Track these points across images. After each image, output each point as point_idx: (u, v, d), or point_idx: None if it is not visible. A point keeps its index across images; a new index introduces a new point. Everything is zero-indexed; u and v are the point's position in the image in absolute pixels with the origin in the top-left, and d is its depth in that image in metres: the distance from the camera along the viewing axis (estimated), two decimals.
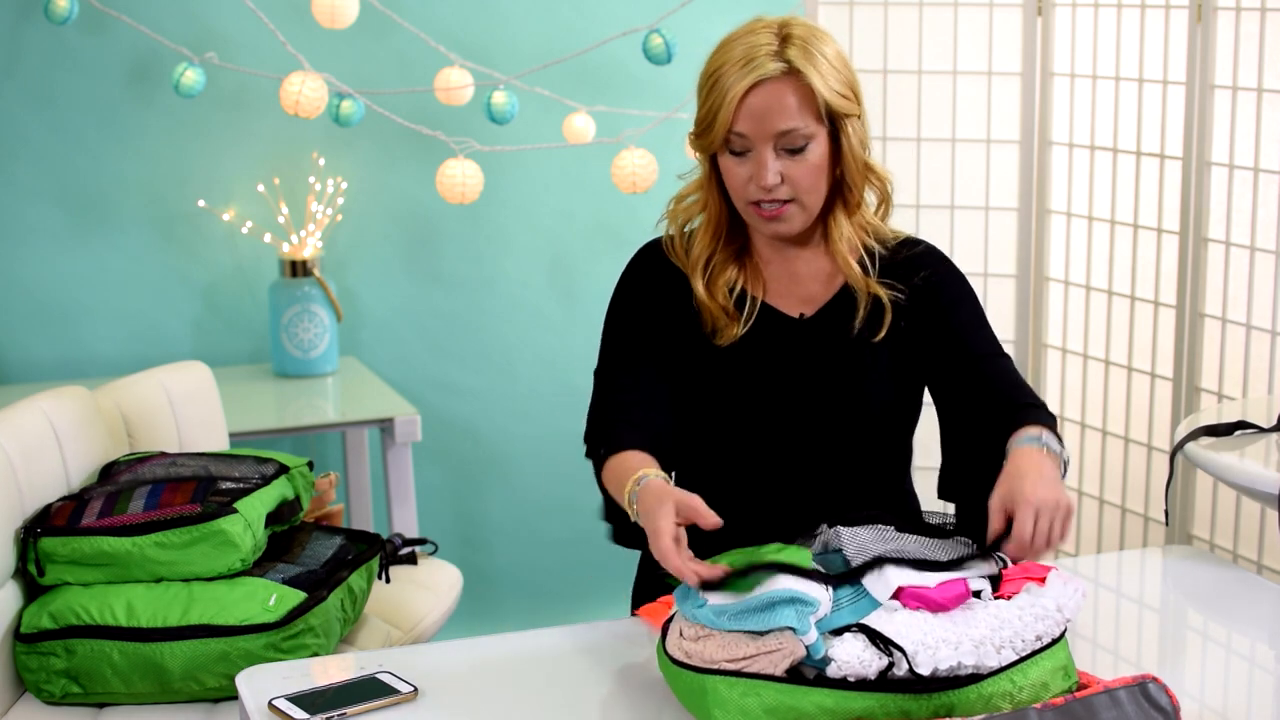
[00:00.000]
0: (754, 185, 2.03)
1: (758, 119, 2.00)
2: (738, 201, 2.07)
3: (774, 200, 2.03)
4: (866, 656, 1.59)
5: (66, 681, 2.35)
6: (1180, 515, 3.19)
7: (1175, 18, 3.14)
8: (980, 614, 1.67)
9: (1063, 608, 1.68)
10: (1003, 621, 1.66)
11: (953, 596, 1.68)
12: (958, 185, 3.53)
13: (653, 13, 3.69)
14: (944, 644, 1.60)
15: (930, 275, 2.13)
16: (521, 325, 4.11)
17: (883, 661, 1.59)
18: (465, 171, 3.65)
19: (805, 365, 2.10)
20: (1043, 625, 1.66)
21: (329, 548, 2.57)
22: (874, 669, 1.58)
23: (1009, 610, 1.68)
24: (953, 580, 1.70)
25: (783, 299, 2.14)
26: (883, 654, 1.59)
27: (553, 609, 4.16)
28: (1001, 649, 1.62)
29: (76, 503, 2.44)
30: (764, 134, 2.01)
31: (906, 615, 1.64)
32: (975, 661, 1.59)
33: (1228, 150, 3.06)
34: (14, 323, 3.73)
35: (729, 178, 2.06)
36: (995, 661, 1.61)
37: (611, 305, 2.19)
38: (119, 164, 3.75)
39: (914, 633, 1.61)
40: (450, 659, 1.88)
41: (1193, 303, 3.15)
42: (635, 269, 2.19)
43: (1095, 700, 1.58)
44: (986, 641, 1.62)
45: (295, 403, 3.62)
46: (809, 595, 1.62)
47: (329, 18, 3.53)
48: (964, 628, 1.64)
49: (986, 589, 1.72)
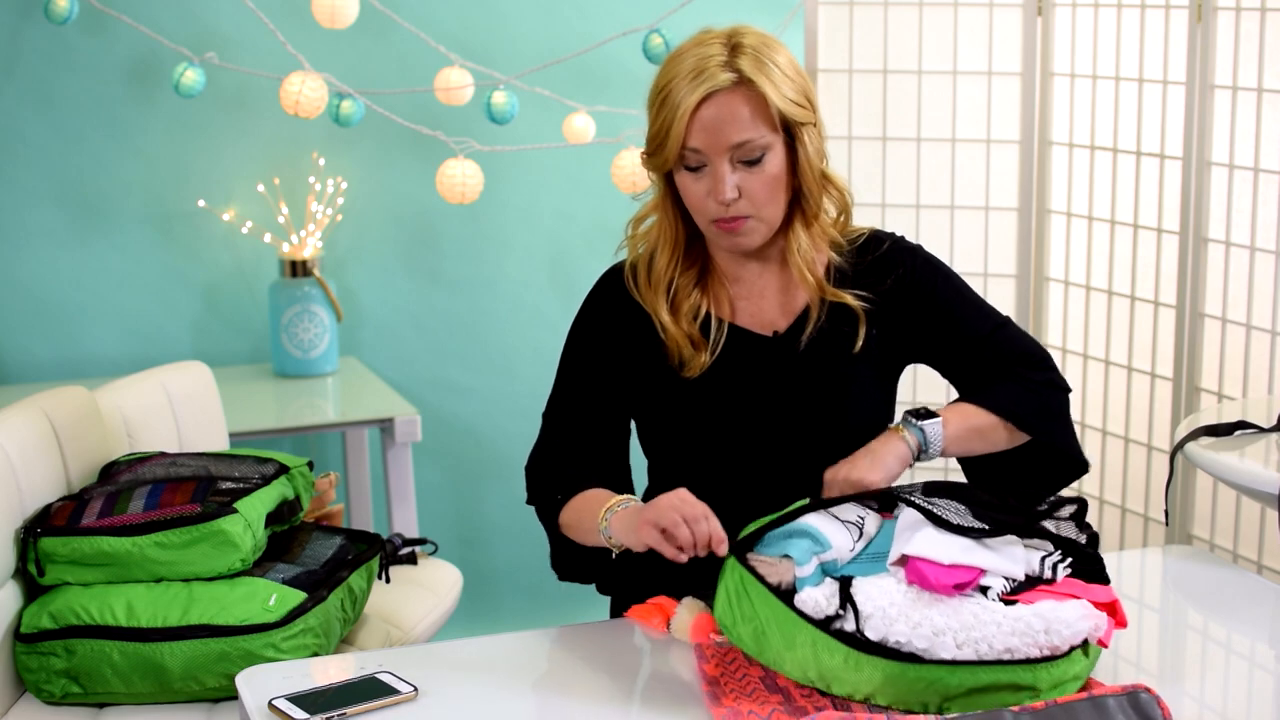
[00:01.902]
0: (712, 201, 1.98)
1: (711, 132, 1.96)
2: (700, 219, 2.02)
3: (734, 215, 1.98)
4: (824, 603, 1.69)
5: (66, 681, 2.35)
6: (1180, 515, 3.19)
7: (1175, 18, 3.13)
8: (965, 607, 1.67)
9: (1051, 633, 1.65)
10: (980, 622, 1.66)
11: (949, 583, 1.68)
12: (958, 185, 3.53)
13: (653, 13, 3.69)
14: (905, 619, 1.65)
15: (903, 274, 2.09)
16: (521, 325, 4.11)
17: (832, 610, 1.68)
18: (465, 171, 3.65)
19: (784, 383, 2.06)
20: (1017, 640, 1.64)
21: (329, 548, 2.57)
22: (822, 614, 1.68)
23: (994, 614, 1.67)
24: (964, 567, 1.70)
25: (751, 319, 2.09)
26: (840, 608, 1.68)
27: (552, 609, 4.16)
28: (962, 646, 1.63)
29: (76, 503, 2.44)
30: (719, 147, 1.96)
31: (893, 583, 1.71)
32: (925, 646, 1.63)
33: (1228, 150, 3.06)
34: (14, 323, 3.73)
35: (687, 196, 2.01)
36: (948, 655, 1.62)
37: (568, 340, 2.15)
38: (119, 164, 3.75)
39: (884, 599, 1.68)
40: (450, 659, 1.88)
41: (1193, 303, 3.15)
42: (595, 302, 2.14)
43: (1077, 706, 1.57)
44: (948, 633, 1.64)
45: (295, 403, 3.62)
46: (824, 536, 1.74)
47: (329, 18, 3.53)
48: (937, 613, 1.65)
49: (1000, 586, 1.72)
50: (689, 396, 2.06)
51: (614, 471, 2.12)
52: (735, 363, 2.06)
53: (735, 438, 2.06)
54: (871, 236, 2.13)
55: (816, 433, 2.05)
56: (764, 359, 2.07)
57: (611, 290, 2.14)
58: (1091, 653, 1.69)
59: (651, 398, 2.09)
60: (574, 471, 2.09)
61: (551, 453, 2.13)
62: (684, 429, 2.08)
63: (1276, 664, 1.91)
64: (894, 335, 2.10)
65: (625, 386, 2.10)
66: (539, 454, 2.16)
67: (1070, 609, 1.68)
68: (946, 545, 1.75)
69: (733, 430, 2.06)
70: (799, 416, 2.06)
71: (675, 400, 2.07)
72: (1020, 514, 1.84)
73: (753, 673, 1.76)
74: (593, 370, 2.12)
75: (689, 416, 2.07)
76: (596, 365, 2.12)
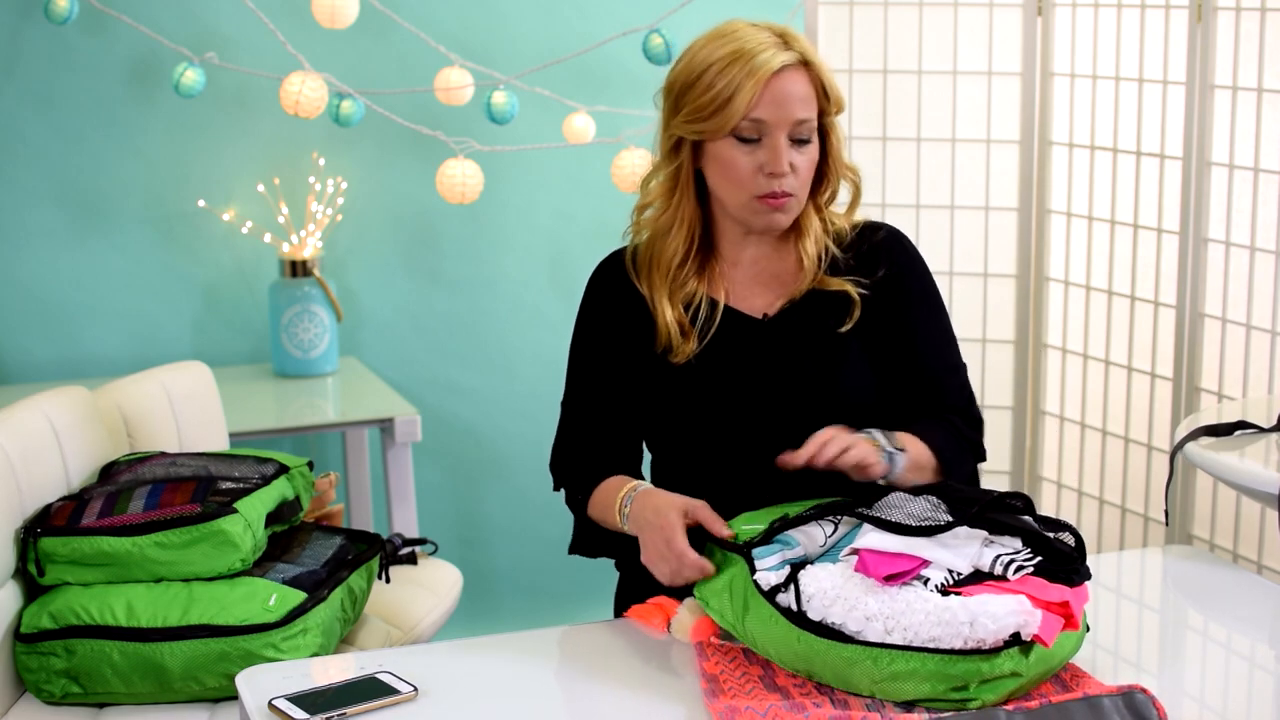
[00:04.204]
0: (762, 175, 2.02)
1: (780, 105, 2.01)
2: (739, 194, 2.05)
3: (782, 191, 2.03)
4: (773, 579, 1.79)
5: (66, 681, 2.35)
6: (1180, 515, 3.19)
7: (1175, 18, 3.13)
8: (901, 595, 1.70)
9: (976, 625, 1.65)
10: (911, 610, 1.68)
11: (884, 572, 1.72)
12: (958, 185, 3.53)
13: (653, 13, 3.69)
14: (843, 602, 1.72)
15: (893, 268, 2.13)
16: (521, 325, 4.11)
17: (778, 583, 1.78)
18: (465, 171, 3.65)
19: (775, 365, 2.09)
20: (941, 630, 1.66)
21: (329, 548, 2.57)
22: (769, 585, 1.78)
23: (925, 603, 1.69)
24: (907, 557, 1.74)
25: (744, 301, 2.13)
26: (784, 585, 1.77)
27: (552, 609, 4.16)
28: (891, 632, 1.68)
29: (76, 503, 2.44)
30: (783, 121, 2.01)
31: (840, 569, 1.77)
32: (856, 629, 1.70)
33: (1228, 150, 3.06)
34: (14, 323, 3.73)
35: (732, 168, 2.03)
36: (875, 638, 1.68)
37: (576, 329, 2.22)
38: (119, 164, 3.75)
39: (827, 583, 1.75)
40: (450, 659, 1.88)
41: (1193, 303, 3.15)
42: (595, 289, 2.20)
43: (1071, 706, 1.57)
44: (879, 619, 1.69)
45: (295, 403, 3.62)
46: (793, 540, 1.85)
47: (329, 18, 3.53)
48: (873, 599, 1.70)
49: (941, 578, 1.73)
50: (679, 381, 2.10)
51: (630, 456, 2.19)
52: (729, 343, 2.10)
53: (727, 420, 2.09)
54: (867, 225, 2.18)
55: (813, 410, 2.07)
56: (755, 341, 2.10)
57: (607, 277, 2.19)
58: (1034, 653, 1.67)
59: (651, 378, 2.12)
60: (588, 467, 2.16)
61: (569, 443, 2.21)
62: (675, 413, 2.11)
63: (1276, 664, 1.91)
64: (881, 322, 2.13)
65: (628, 367, 2.14)
66: (559, 445, 2.23)
67: (1000, 604, 1.67)
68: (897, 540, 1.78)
69: (724, 413, 2.09)
70: (794, 396, 2.08)
71: (665, 385, 2.11)
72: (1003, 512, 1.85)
73: (752, 671, 1.76)
74: (596, 357, 2.17)
75: (679, 401, 2.10)
76: (599, 352, 2.17)
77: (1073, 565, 1.79)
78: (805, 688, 1.72)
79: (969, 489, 1.92)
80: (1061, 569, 1.77)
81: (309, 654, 2.35)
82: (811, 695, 1.70)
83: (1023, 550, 1.78)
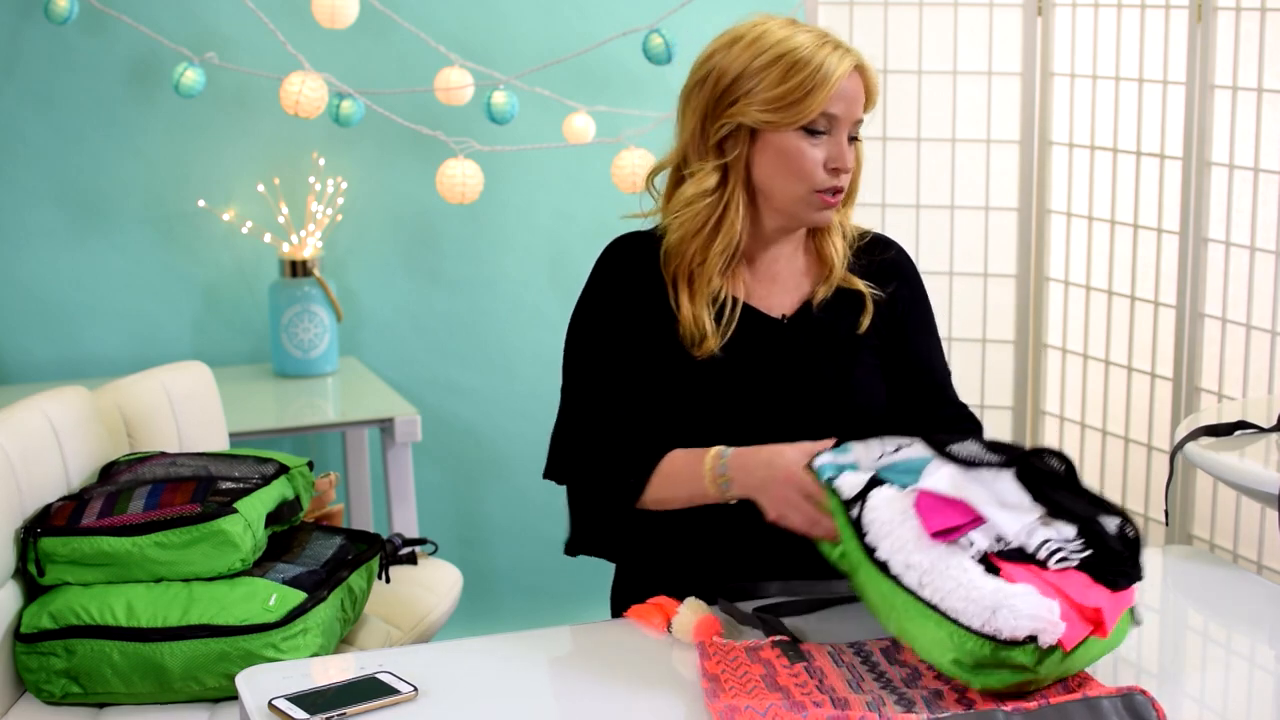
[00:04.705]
0: (826, 169, 2.05)
1: (849, 102, 2.05)
2: (797, 186, 2.06)
3: (839, 187, 2.07)
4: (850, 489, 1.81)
5: (66, 681, 2.35)
6: (1180, 515, 3.19)
7: (1175, 18, 3.14)
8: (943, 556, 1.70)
9: (997, 614, 1.64)
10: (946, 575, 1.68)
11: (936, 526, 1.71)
12: (958, 185, 3.53)
13: (653, 13, 3.69)
14: (893, 540, 1.74)
15: (904, 292, 2.18)
16: (521, 325, 4.11)
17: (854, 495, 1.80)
18: (465, 171, 3.65)
19: (793, 366, 2.10)
20: (965, 605, 1.65)
21: (329, 548, 2.57)
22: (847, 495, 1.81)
23: (961, 573, 1.68)
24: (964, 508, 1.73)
25: (763, 300, 2.13)
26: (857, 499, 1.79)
27: (552, 609, 4.16)
28: (924, 586, 1.69)
29: (76, 503, 2.44)
30: (849, 118, 2.06)
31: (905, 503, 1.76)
32: (897, 573, 1.72)
33: (1228, 150, 3.06)
34: (14, 323, 3.73)
35: (798, 160, 2.04)
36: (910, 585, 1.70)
37: (584, 309, 2.15)
38: (119, 164, 3.75)
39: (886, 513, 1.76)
40: (450, 659, 1.88)
41: (1193, 303, 3.15)
42: (610, 269, 2.15)
43: (1070, 707, 1.57)
44: (917, 570, 1.70)
45: (295, 403, 3.62)
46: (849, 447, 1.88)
47: (329, 18, 3.53)
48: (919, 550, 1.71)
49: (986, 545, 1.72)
50: (700, 376, 2.08)
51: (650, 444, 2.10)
52: (749, 342, 2.10)
53: (745, 419, 2.08)
54: (877, 238, 2.21)
55: (827, 412, 2.09)
56: (773, 342, 2.11)
57: (624, 258, 2.14)
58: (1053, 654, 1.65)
59: (667, 369, 2.09)
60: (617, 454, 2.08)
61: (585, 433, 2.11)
62: (693, 408, 2.09)
63: (1276, 664, 1.91)
64: (890, 336, 2.16)
65: (641, 354, 2.10)
66: (569, 436, 2.12)
67: (1027, 602, 1.65)
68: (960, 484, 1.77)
69: (743, 411, 2.08)
70: (807, 399, 2.09)
71: (684, 378, 2.09)
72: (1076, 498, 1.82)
73: (754, 670, 1.76)
74: (612, 342, 2.11)
75: (700, 396, 2.08)
76: (615, 336, 2.11)
77: (1121, 568, 1.76)
78: (806, 687, 1.72)
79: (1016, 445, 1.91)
80: (1109, 570, 1.75)
81: (309, 654, 2.35)
82: (812, 695, 1.70)
83: (1074, 541, 1.76)
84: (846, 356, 2.12)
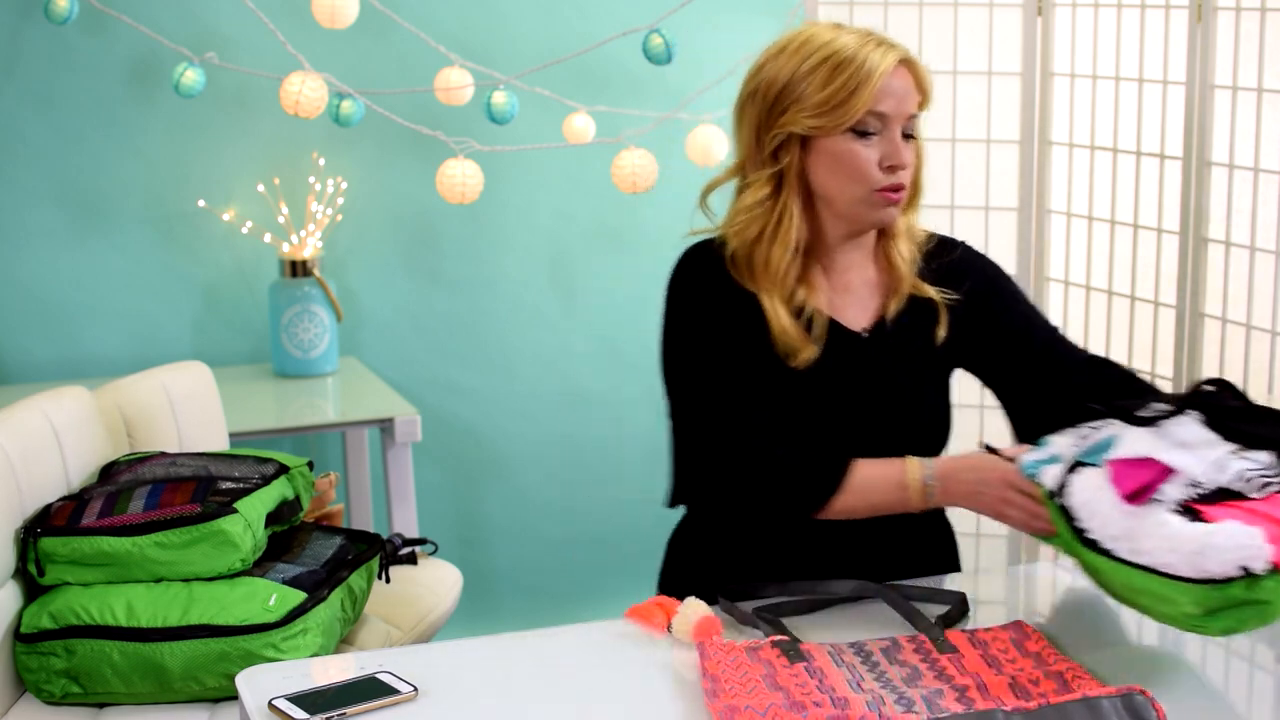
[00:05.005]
0: (882, 168, 2.04)
1: (899, 98, 2.04)
2: (856, 188, 2.05)
3: (899, 184, 2.05)
4: (1051, 480, 1.86)
5: (66, 681, 2.35)
6: None
7: (1175, 18, 3.13)
8: (1142, 516, 1.70)
9: (1205, 555, 1.64)
10: (1149, 534, 1.68)
11: (1129, 487, 1.72)
12: (958, 185, 3.53)
13: (653, 13, 3.68)
14: (1098, 517, 1.75)
15: (977, 284, 2.16)
16: (521, 325, 4.11)
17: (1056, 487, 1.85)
18: (465, 171, 3.65)
19: (871, 380, 2.11)
20: (1174, 557, 1.65)
21: (329, 548, 2.57)
22: (1050, 487, 1.86)
23: (1161, 528, 1.68)
24: (1152, 462, 1.74)
25: (842, 312, 2.14)
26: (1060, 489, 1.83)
27: (552, 609, 4.16)
28: (1136, 553, 1.70)
29: (76, 503, 2.44)
30: (900, 114, 2.04)
31: (1101, 480, 1.78)
32: (1108, 548, 1.73)
33: (1228, 150, 3.06)
34: (14, 323, 3.73)
35: (852, 162, 2.04)
36: (1123, 555, 1.71)
37: (679, 327, 2.11)
38: (119, 164, 3.75)
39: (1088, 494, 1.78)
40: (450, 659, 1.88)
41: (1193, 303, 3.15)
42: (691, 284, 2.12)
43: (1070, 707, 1.57)
44: (1125, 538, 1.71)
45: (295, 403, 3.62)
46: (1047, 440, 1.93)
47: (329, 18, 3.53)
48: (1121, 518, 1.72)
49: (1181, 494, 1.72)
50: (796, 386, 2.09)
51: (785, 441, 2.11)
52: (831, 357, 2.10)
53: (834, 430, 2.10)
54: (944, 241, 2.21)
55: (892, 429, 2.11)
56: (856, 356, 2.12)
57: (702, 271, 2.12)
58: (1269, 584, 1.64)
59: (757, 380, 2.09)
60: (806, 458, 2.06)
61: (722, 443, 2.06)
62: (789, 417, 2.09)
63: (1276, 664, 1.91)
64: (958, 340, 2.16)
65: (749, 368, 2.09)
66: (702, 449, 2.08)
67: (1228, 534, 1.64)
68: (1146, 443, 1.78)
69: (833, 422, 2.10)
70: (879, 412, 2.11)
71: (782, 388, 2.09)
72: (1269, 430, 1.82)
73: (754, 670, 1.76)
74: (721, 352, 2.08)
75: (795, 405, 2.09)
76: (721, 347, 2.09)
77: None
78: (806, 688, 1.72)
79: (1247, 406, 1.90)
80: None
81: (309, 654, 2.35)
82: (812, 695, 1.70)
83: (1275, 467, 1.76)
84: (920, 372, 2.13)
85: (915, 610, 1.92)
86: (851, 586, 2.00)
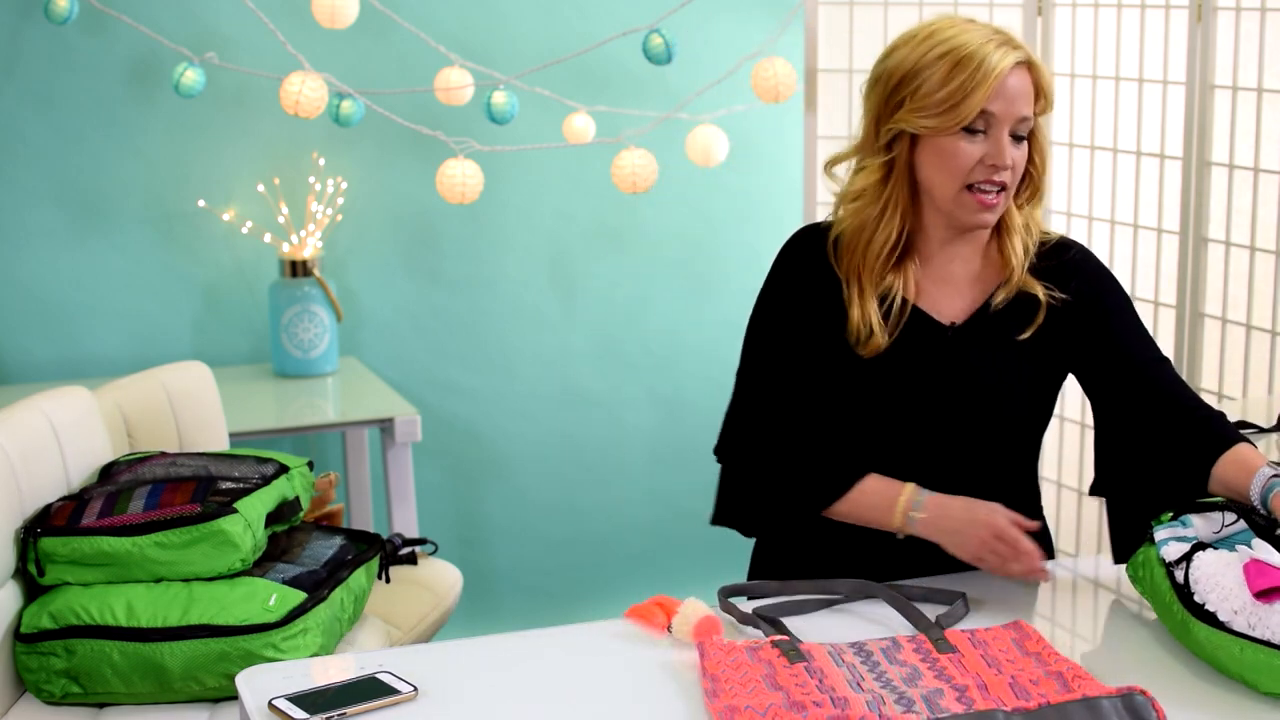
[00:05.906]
0: (983, 167, 2.04)
1: (1011, 99, 2.03)
2: (953, 184, 2.05)
3: (996, 184, 2.05)
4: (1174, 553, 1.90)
5: (66, 681, 2.35)
6: None
7: (1175, 18, 3.14)
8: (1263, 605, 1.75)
9: None
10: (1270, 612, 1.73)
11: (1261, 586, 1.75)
12: None
13: (653, 13, 3.69)
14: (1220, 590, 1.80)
15: (1082, 284, 2.14)
16: (521, 325, 4.11)
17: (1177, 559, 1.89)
18: (465, 171, 3.65)
19: (953, 374, 2.10)
20: None
21: (329, 548, 2.57)
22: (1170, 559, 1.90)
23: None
24: None
25: (933, 303, 2.13)
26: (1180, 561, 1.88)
27: (552, 609, 4.16)
28: (1254, 628, 1.74)
29: (76, 503, 2.44)
30: (1010, 116, 2.04)
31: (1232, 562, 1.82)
32: (1226, 620, 1.77)
33: (1228, 150, 3.06)
34: (14, 323, 3.73)
35: (954, 159, 2.04)
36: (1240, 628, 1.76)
37: (763, 299, 2.17)
38: (119, 164, 3.75)
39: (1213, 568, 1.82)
40: (450, 659, 1.88)
41: (1193, 303, 3.15)
42: (789, 263, 2.16)
43: (1070, 707, 1.57)
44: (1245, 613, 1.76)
45: (295, 403, 3.62)
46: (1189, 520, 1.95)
47: (329, 18, 3.53)
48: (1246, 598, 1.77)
49: None
50: (863, 374, 2.09)
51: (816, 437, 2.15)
52: (910, 348, 2.10)
53: (901, 422, 2.10)
54: (1062, 241, 2.19)
55: (980, 421, 2.10)
56: (937, 349, 2.11)
57: (802, 252, 2.16)
58: None
59: (833, 365, 2.11)
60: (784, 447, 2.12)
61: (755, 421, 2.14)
62: (853, 405, 2.11)
63: None
64: (1061, 340, 2.14)
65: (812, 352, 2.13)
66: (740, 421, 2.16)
67: None
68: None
69: (901, 415, 2.10)
70: (959, 406, 2.10)
71: (849, 376, 2.10)
72: None
73: (754, 670, 1.76)
74: (786, 333, 2.13)
75: (861, 394, 2.10)
76: (789, 328, 2.13)
77: None
78: (806, 687, 1.72)
79: None
80: None
81: (309, 654, 2.35)
82: (812, 695, 1.70)
83: None
84: (1010, 367, 2.12)
85: (915, 610, 1.92)
86: (851, 586, 2.00)
